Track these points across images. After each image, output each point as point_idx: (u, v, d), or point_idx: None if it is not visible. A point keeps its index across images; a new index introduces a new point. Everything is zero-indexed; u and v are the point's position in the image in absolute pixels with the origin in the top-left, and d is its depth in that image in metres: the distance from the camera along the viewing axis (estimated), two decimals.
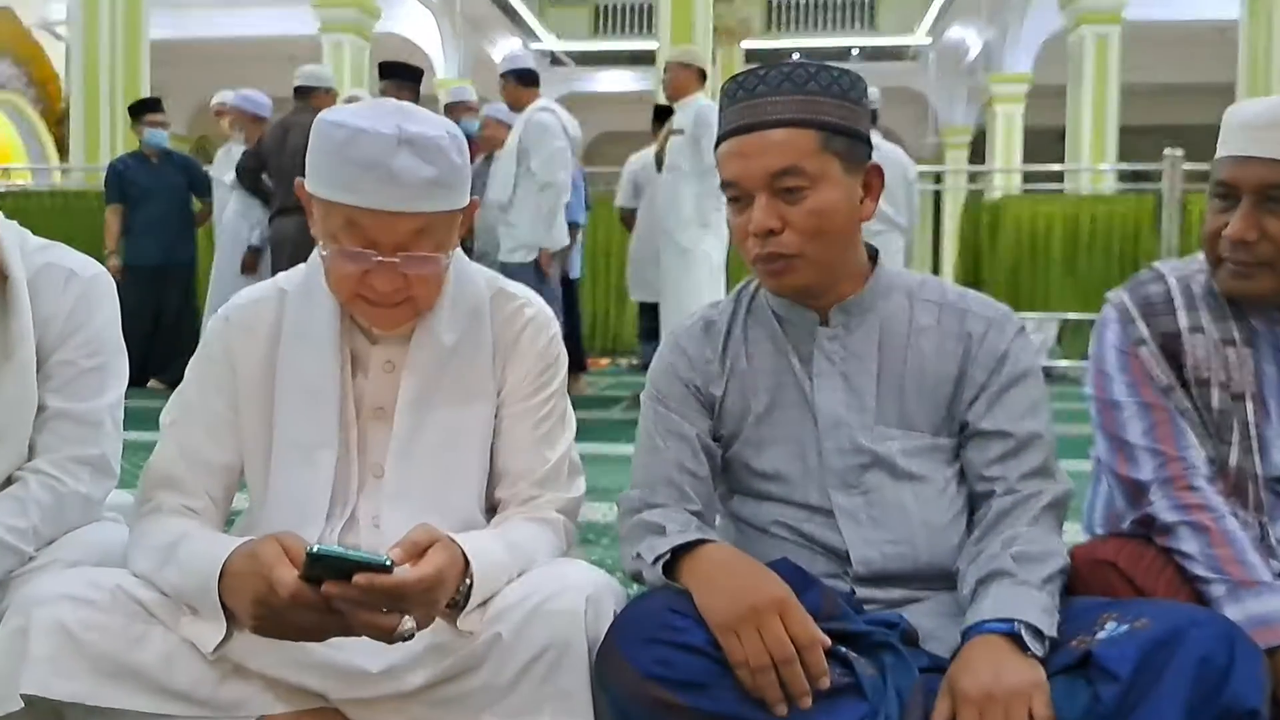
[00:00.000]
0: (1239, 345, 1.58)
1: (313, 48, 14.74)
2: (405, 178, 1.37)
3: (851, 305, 1.52)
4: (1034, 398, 1.50)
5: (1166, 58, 16.24)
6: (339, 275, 1.42)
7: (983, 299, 1.57)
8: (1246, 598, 1.40)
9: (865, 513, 1.49)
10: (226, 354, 1.52)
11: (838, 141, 1.43)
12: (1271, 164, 1.50)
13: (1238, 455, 1.56)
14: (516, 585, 1.36)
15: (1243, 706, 1.16)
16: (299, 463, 1.49)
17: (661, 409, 1.58)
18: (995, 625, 1.28)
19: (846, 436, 1.50)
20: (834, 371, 1.52)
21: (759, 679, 1.25)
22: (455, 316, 1.52)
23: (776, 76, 1.44)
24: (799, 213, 1.43)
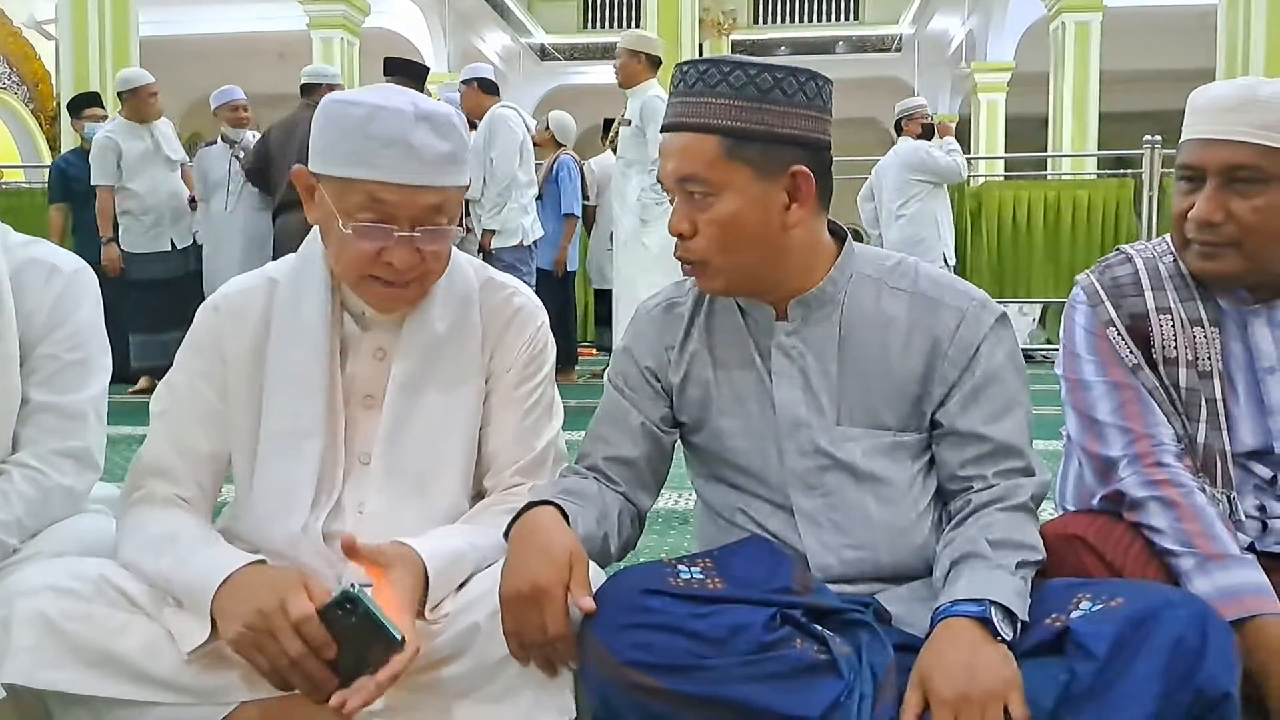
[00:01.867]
0: (1206, 325, 1.60)
1: (302, 43, 14.71)
2: (425, 153, 1.39)
3: (810, 299, 1.48)
4: (1010, 394, 1.46)
5: (1147, 45, 16.24)
6: (355, 254, 1.42)
7: (959, 287, 1.51)
8: (1215, 571, 1.42)
9: (825, 516, 1.48)
10: (215, 343, 1.53)
11: (749, 149, 1.38)
12: (1235, 146, 1.52)
13: (1205, 432, 1.59)
14: (490, 571, 1.37)
15: (1216, 689, 1.16)
16: (286, 451, 1.49)
17: (616, 394, 1.60)
18: (967, 607, 1.28)
19: (806, 438, 1.48)
20: (792, 369, 1.49)
21: (519, 652, 1.29)
22: (447, 304, 1.53)
23: (694, 74, 1.40)
24: (705, 220, 1.41)
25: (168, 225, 6.41)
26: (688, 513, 3.02)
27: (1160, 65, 16.20)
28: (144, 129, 6.36)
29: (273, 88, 13.39)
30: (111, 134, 6.33)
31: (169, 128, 6.55)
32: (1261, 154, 1.51)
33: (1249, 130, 1.51)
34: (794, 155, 1.41)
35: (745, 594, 1.34)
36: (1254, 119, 1.51)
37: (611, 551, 1.48)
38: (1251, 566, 1.43)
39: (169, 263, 6.43)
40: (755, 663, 1.26)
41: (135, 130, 6.35)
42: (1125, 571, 1.48)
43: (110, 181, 6.28)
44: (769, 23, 21.56)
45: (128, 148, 6.29)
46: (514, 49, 20.48)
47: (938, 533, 1.47)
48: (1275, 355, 1.60)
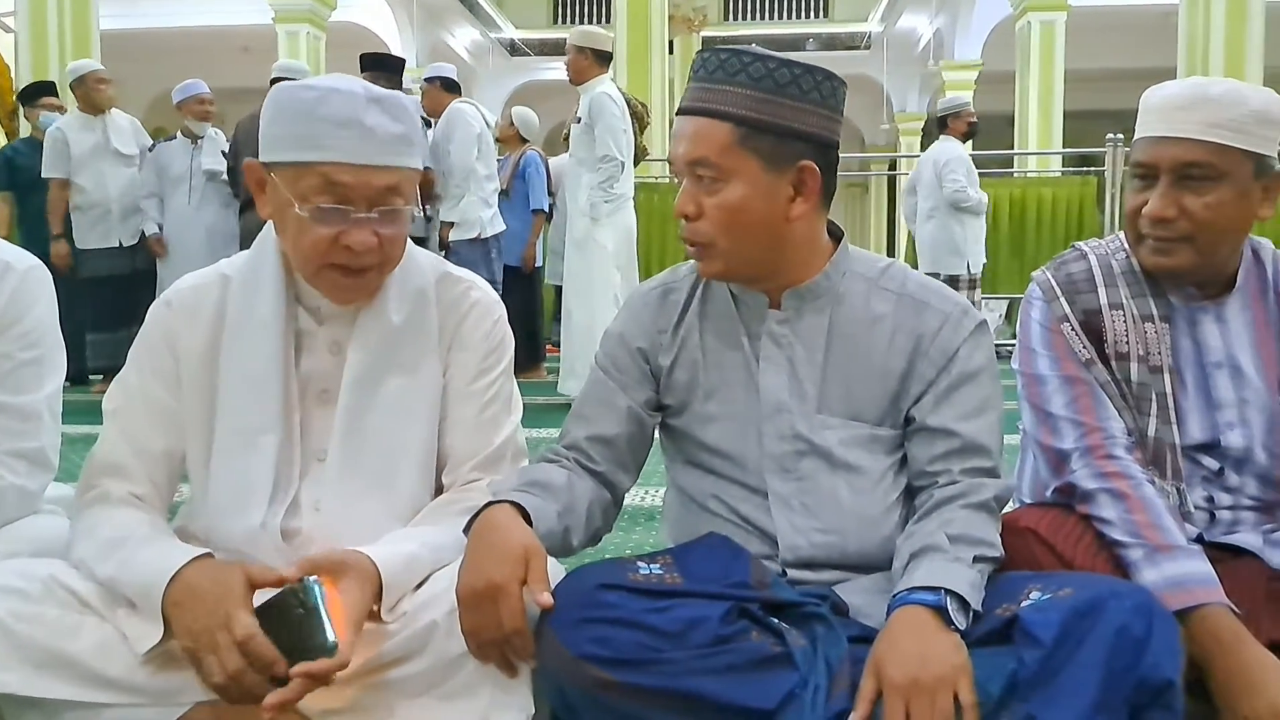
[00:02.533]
0: (1157, 321, 1.63)
1: (267, 37, 14.59)
2: (379, 133, 1.39)
3: (805, 291, 1.52)
4: (984, 396, 1.50)
5: (1110, 44, 16.41)
6: (313, 240, 1.41)
7: (943, 293, 1.55)
8: (1162, 561, 1.45)
9: (798, 499, 1.50)
10: (168, 340, 1.52)
11: (760, 139, 1.41)
12: (1187, 144, 1.54)
13: (1156, 425, 1.62)
14: (448, 570, 1.37)
15: (1159, 677, 1.19)
16: (241, 448, 1.48)
17: (603, 375, 1.61)
18: (923, 596, 1.30)
19: (786, 422, 1.51)
20: (780, 356, 1.53)
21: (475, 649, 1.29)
22: (402, 297, 1.52)
23: (714, 61, 1.44)
24: (711, 204, 1.44)
25: (116, 221, 6.28)
26: (654, 509, 3.03)
27: (1123, 64, 16.37)
28: (96, 121, 6.26)
29: (237, 82, 13.30)
30: (62, 126, 6.25)
31: (125, 121, 6.46)
32: (1213, 151, 1.54)
33: (1200, 128, 1.54)
34: (803, 150, 1.44)
35: (703, 589, 1.36)
36: (1205, 117, 1.53)
37: (574, 544, 1.49)
38: (1198, 557, 1.46)
39: (117, 259, 6.31)
40: (711, 655, 1.27)
41: (87, 123, 6.26)
42: (1075, 563, 1.50)
43: (60, 174, 6.18)
44: (739, 19, 21.63)
45: (77, 140, 6.19)
46: (483, 44, 20.41)
47: (904, 527, 1.50)
48: (1223, 350, 1.63)
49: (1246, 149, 1.53)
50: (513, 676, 1.31)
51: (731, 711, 1.26)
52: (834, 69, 1.48)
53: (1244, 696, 1.34)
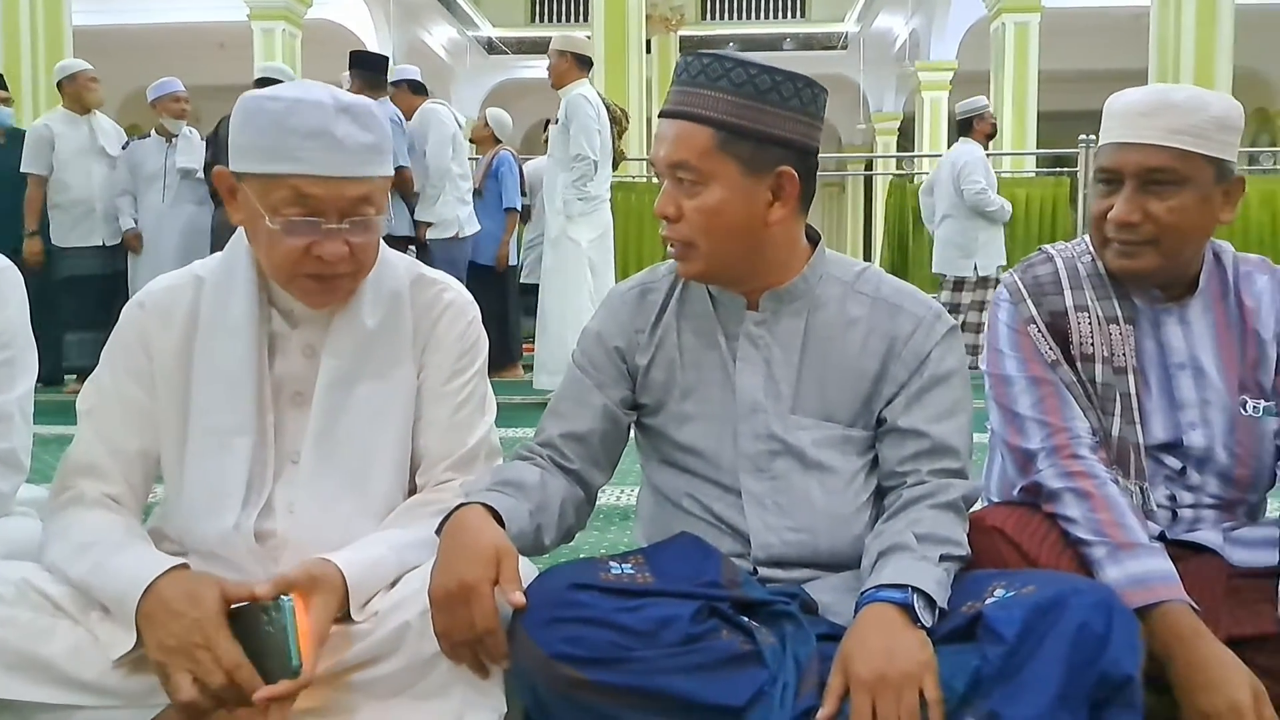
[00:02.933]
0: (1121, 322, 1.66)
1: (243, 34, 14.52)
2: (349, 143, 1.39)
3: (783, 293, 1.54)
4: (954, 399, 1.53)
5: (1084, 45, 16.53)
6: (285, 251, 1.41)
7: (917, 297, 1.58)
8: (1125, 559, 1.48)
9: (771, 498, 1.53)
10: (141, 340, 1.51)
11: (740, 144, 1.43)
12: (1150, 149, 1.57)
13: (1120, 425, 1.65)
14: (420, 571, 1.38)
15: (1119, 672, 1.22)
16: (215, 450, 1.48)
17: (579, 373, 1.63)
18: (890, 594, 1.32)
19: (761, 422, 1.53)
20: (757, 357, 1.55)
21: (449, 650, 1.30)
22: (377, 301, 1.53)
23: (696, 66, 1.46)
24: (691, 206, 1.46)
25: (99, 220, 6.26)
26: (629, 508, 3.04)
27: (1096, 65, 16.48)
28: (83, 120, 6.24)
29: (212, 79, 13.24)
30: (49, 123, 6.21)
31: (108, 122, 6.43)
32: (1175, 157, 1.57)
33: (1163, 135, 1.57)
34: (782, 156, 1.46)
35: (674, 588, 1.37)
36: (1167, 124, 1.56)
37: (547, 543, 1.50)
38: (1159, 555, 1.49)
39: (98, 259, 6.28)
40: (682, 654, 1.29)
41: (73, 121, 6.24)
42: (1041, 561, 1.53)
43: (42, 171, 6.15)
44: (717, 19, 21.66)
45: (63, 137, 6.17)
46: (460, 42, 20.36)
47: (874, 526, 1.52)
48: (1185, 352, 1.66)
49: (1208, 154, 1.56)
50: (485, 678, 1.32)
51: (702, 709, 1.27)
52: (810, 69, 1.50)
53: (1202, 692, 1.36)
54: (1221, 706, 1.34)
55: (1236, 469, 1.65)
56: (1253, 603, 1.53)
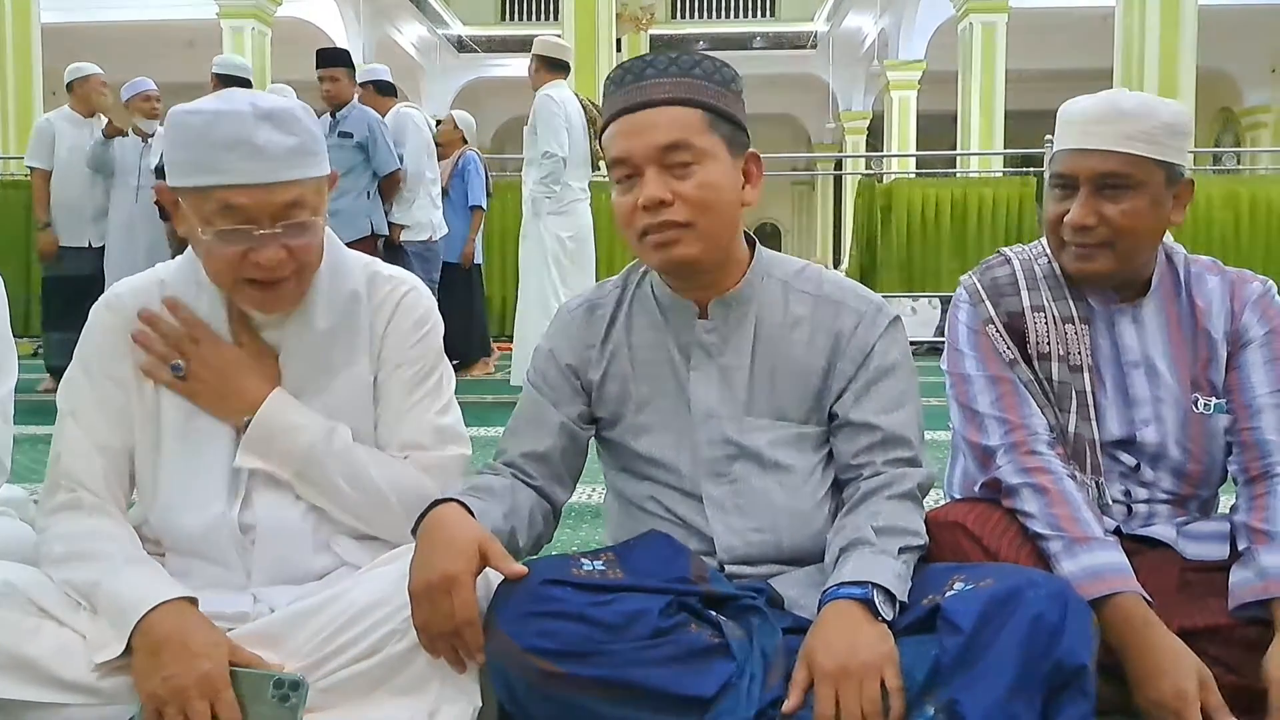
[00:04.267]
0: (1077, 322, 1.71)
1: (212, 32, 14.45)
2: (271, 150, 1.39)
3: (730, 299, 1.56)
4: (901, 389, 1.55)
5: (1051, 45, 16.68)
6: (221, 260, 1.42)
7: (858, 291, 1.60)
8: (1080, 553, 1.52)
9: (732, 501, 1.55)
10: (113, 341, 1.52)
11: (723, 125, 1.48)
12: (1105, 155, 1.62)
13: (1076, 422, 1.69)
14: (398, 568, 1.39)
15: (1073, 661, 1.25)
16: (195, 446, 1.50)
17: (535, 392, 1.65)
18: (851, 590, 1.35)
19: (717, 428, 1.56)
20: (711, 365, 1.57)
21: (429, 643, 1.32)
22: (331, 302, 1.54)
23: (664, 61, 1.49)
24: (688, 186, 1.46)
25: (89, 222, 6.25)
26: (600, 507, 3.06)
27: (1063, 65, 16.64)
28: (86, 122, 6.28)
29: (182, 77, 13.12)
30: (51, 119, 6.25)
31: None
32: (1129, 162, 1.62)
33: (1116, 140, 1.61)
34: (747, 141, 1.53)
35: (644, 583, 1.40)
36: (1120, 130, 1.61)
37: (520, 545, 1.52)
38: (1113, 548, 1.53)
39: (84, 260, 6.25)
40: (651, 647, 1.32)
41: (77, 122, 6.28)
42: (1001, 555, 1.57)
43: (44, 165, 6.20)
44: (687, 17, 21.72)
45: (64, 134, 6.21)
46: (430, 40, 20.31)
47: (834, 518, 1.55)
48: (1139, 351, 1.71)
49: (1159, 159, 1.61)
50: (462, 671, 1.34)
51: (671, 700, 1.30)
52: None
53: (1151, 679, 1.41)
54: (1169, 693, 1.38)
55: (1189, 465, 1.70)
56: (1204, 595, 1.57)
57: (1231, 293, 1.71)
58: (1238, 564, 1.58)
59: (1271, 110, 19.94)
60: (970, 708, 1.22)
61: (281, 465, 1.49)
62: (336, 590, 1.41)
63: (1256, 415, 1.67)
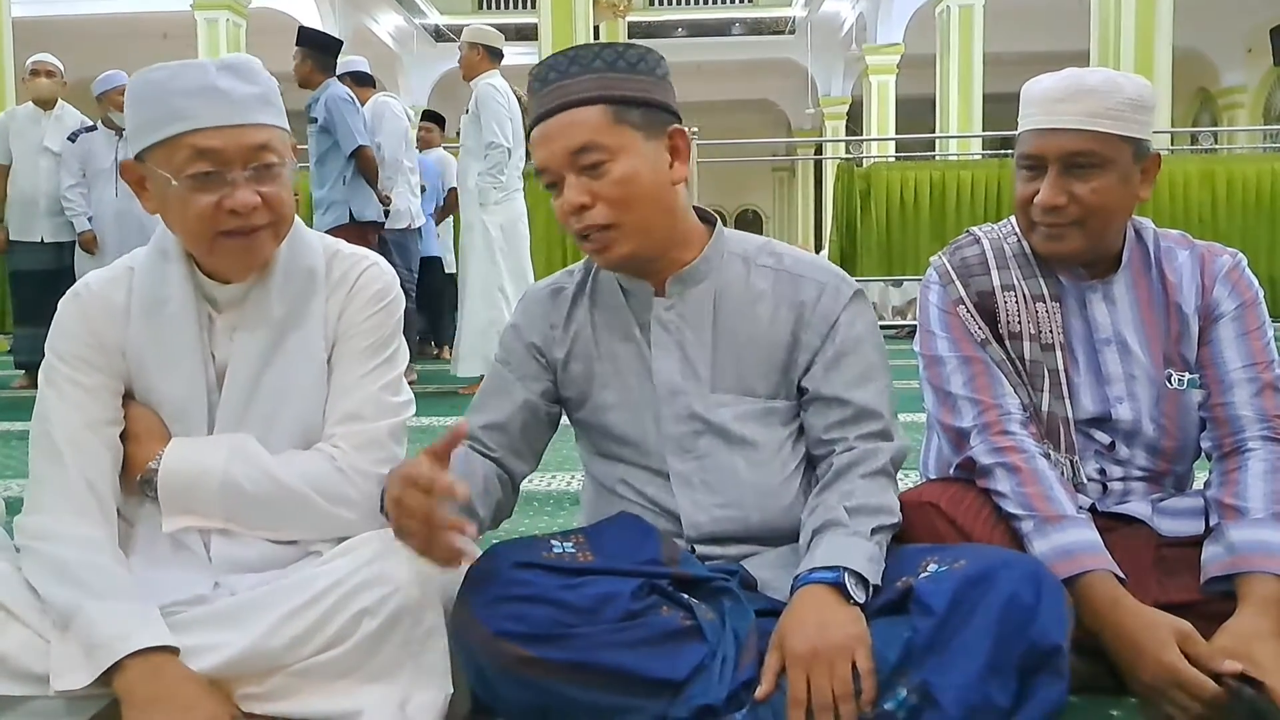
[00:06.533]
0: (1047, 300, 1.71)
1: (187, 24, 14.37)
2: (235, 94, 1.41)
3: (686, 275, 1.56)
4: (869, 362, 1.54)
5: (1028, 27, 16.72)
6: (198, 211, 1.41)
7: (819, 264, 1.60)
8: (1052, 531, 1.52)
9: (698, 477, 1.55)
10: (85, 326, 1.50)
11: (632, 113, 1.46)
12: (1072, 134, 1.61)
13: (1049, 401, 1.69)
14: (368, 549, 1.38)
15: (1047, 641, 1.24)
16: (174, 431, 1.50)
17: (501, 367, 1.65)
18: (823, 574, 1.35)
19: (683, 404, 1.56)
20: (670, 341, 1.57)
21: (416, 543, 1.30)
22: (288, 283, 1.53)
23: (564, 61, 1.49)
24: (605, 185, 1.46)
25: (42, 216, 6.22)
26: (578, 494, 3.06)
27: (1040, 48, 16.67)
28: (42, 116, 6.30)
29: None
30: (9, 114, 6.29)
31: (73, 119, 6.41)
32: (1096, 140, 1.61)
33: (1082, 119, 1.61)
34: (668, 118, 1.51)
35: (614, 565, 1.40)
36: (1085, 108, 1.61)
37: (480, 515, 1.49)
38: (1085, 526, 1.53)
39: (42, 254, 6.23)
40: (623, 630, 1.32)
41: (33, 116, 6.30)
42: (974, 535, 1.57)
43: (2, 160, 6.22)
44: (665, 4, 21.64)
45: (19, 131, 6.22)
46: (407, 30, 20.22)
47: (805, 495, 1.55)
48: (1111, 328, 1.71)
49: (1125, 135, 1.61)
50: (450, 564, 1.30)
51: (643, 683, 1.30)
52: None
53: (1135, 660, 1.40)
54: (1153, 670, 1.38)
55: (1163, 441, 1.70)
56: (1180, 571, 1.58)
57: (1202, 266, 1.71)
58: (1209, 539, 1.58)
59: (1247, 90, 20.05)
60: (943, 689, 1.22)
61: (208, 515, 1.46)
62: (304, 574, 1.40)
63: (1229, 390, 1.67)
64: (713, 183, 23.28)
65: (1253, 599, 1.47)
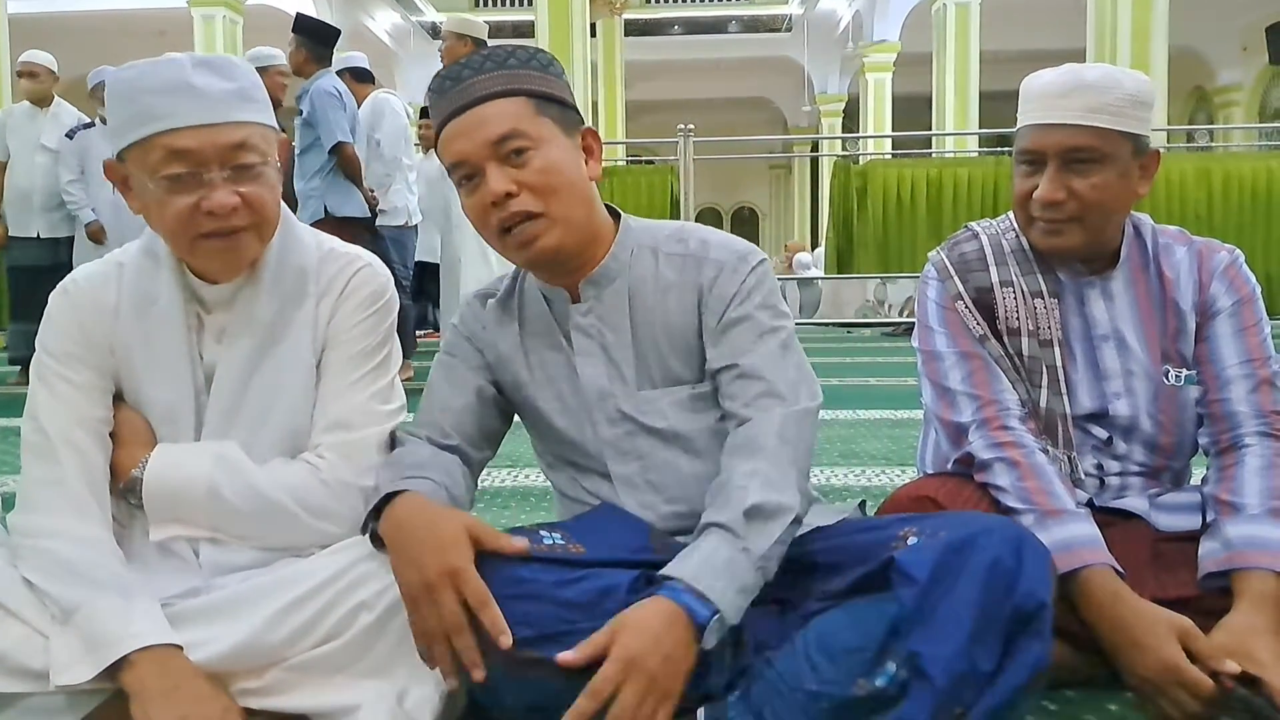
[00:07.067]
0: (1046, 296, 1.71)
1: (183, 21, 14.34)
2: (210, 91, 1.38)
3: (599, 276, 1.55)
4: (760, 330, 1.50)
5: (1024, 25, 16.73)
6: (175, 214, 1.39)
7: (725, 242, 1.56)
8: (1052, 525, 1.52)
9: (641, 477, 1.54)
10: (75, 323, 1.49)
11: (550, 108, 1.47)
12: (1072, 129, 1.61)
13: (1047, 397, 1.69)
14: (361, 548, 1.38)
15: (1033, 601, 1.22)
16: (163, 432, 1.49)
17: (448, 356, 1.64)
18: (697, 607, 1.27)
19: (612, 406, 1.54)
20: (592, 345, 1.56)
21: (433, 650, 1.28)
22: (277, 284, 1.51)
23: (478, 60, 1.49)
24: (529, 173, 1.45)
25: (37, 212, 6.27)
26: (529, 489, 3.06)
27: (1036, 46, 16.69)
28: (39, 114, 6.35)
29: None
30: (6, 111, 6.35)
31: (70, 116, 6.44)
32: (1096, 135, 1.61)
33: (1082, 114, 1.61)
34: (580, 119, 1.53)
35: (608, 556, 1.39)
36: (1084, 103, 1.61)
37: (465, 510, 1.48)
38: (1084, 520, 1.54)
39: (37, 250, 6.28)
40: None
41: (30, 113, 6.35)
42: None
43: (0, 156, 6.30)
44: (661, 1, 21.62)
45: (16, 128, 6.30)
46: (404, 27, 20.21)
47: None
48: (1109, 324, 1.71)
49: (1125, 131, 1.61)
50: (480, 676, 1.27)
51: None
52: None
53: (1133, 654, 1.41)
54: (1155, 667, 1.38)
55: (1161, 437, 1.70)
56: (1177, 566, 1.59)
57: (1199, 263, 1.72)
58: (1205, 535, 1.59)
59: (1243, 89, 20.07)
60: (932, 660, 1.20)
61: (194, 524, 1.45)
62: (300, 567, 1.40)
63: (1226, 386, 1.67)
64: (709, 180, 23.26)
65: (1249, 595, 1.47)
